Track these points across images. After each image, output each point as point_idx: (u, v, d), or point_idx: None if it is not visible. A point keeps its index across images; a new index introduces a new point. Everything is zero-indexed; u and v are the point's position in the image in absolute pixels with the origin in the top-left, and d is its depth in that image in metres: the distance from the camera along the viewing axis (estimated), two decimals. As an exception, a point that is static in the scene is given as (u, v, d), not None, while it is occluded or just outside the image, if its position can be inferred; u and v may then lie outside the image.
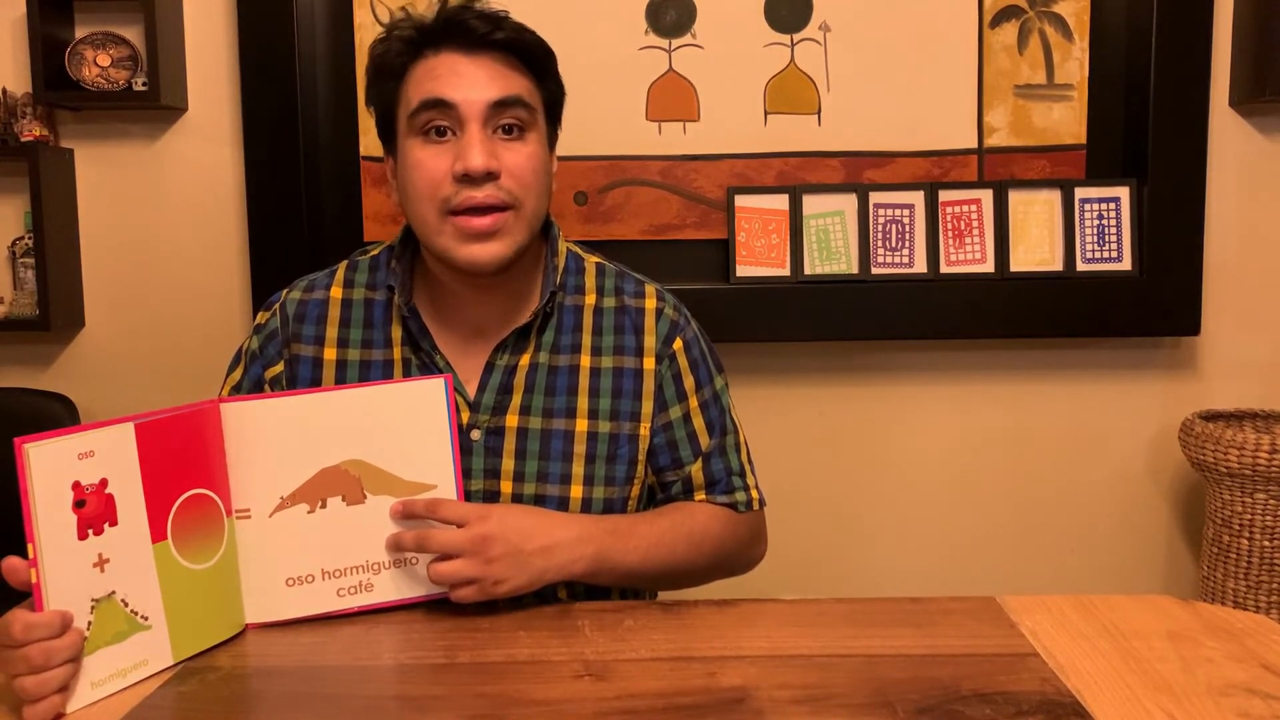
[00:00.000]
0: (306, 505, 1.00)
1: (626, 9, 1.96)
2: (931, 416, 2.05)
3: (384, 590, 1.02)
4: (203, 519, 0.96)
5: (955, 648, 0.93)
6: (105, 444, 0.88)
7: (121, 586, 0.89)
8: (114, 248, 2.03)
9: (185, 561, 0.94)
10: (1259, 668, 0.88)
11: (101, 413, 2.03)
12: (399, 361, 1.14)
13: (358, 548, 1.01)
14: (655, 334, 1.18)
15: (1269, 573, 1.82)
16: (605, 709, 0.83)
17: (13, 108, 1.94)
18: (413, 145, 1.08)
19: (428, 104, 1.07)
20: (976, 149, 1.98)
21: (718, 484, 1.19)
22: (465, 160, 1.05)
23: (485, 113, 1.07)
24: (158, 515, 0.92)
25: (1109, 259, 1.95)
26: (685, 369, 1.19)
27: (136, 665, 0.90)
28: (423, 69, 1.09)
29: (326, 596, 1.01)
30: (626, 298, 1.19)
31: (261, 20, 1.91)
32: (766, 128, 1.98)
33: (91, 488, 0.87)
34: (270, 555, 1.00)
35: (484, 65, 1.08)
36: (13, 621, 0.83)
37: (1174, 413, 2.02)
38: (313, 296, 1.17)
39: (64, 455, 0.86)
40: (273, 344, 1.16)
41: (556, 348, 1.15)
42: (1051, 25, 1.96)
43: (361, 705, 0.85)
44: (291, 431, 1.00)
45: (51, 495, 0.85)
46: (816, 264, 1.95)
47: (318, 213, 1.97)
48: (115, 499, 0.89)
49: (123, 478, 0.89)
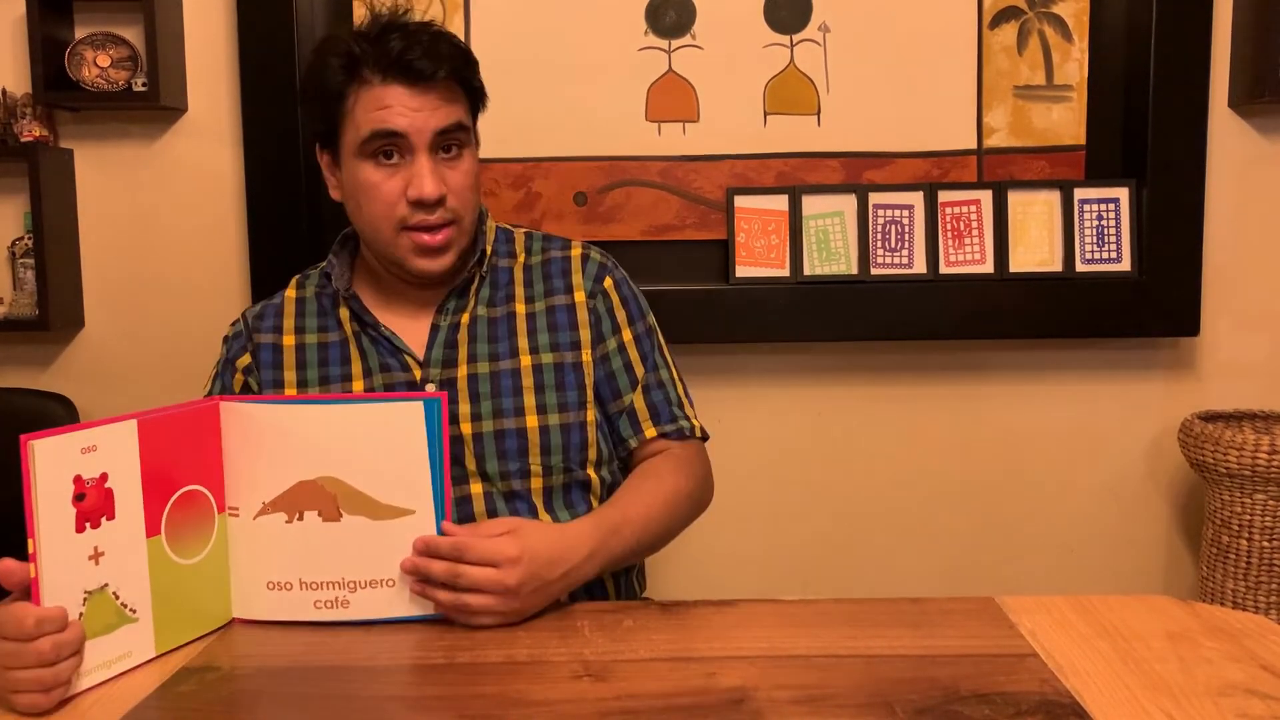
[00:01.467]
0: (284, 515, 1.01)
1: (626, 9, 1.96)
2: (931, 416, 2.05)
3: (360, 608, 1.01)
4: (195, 514, 0.98)
5: (954, 648, 0.93)
6: (108, 439, 0.90)
7: (114, 579, 0.91)
8: (114, 248, 2.03)
9: (175, 556, 0.96)
10: (1258, 668, 0.88)
11: (101, 413, 2.03)
12: (351, 337, 1.25)
13: (334, 564, 1.01)
14: (584, 273, 1.30)
15: (1268, 573, 1.82)
16: (605, 709, 0.83)
17: (12, 108, 1.94)
18: (364, 168, 1.19)
19: (380, 134, 1.17)
20: (976, 150, 1.99)
21: (660, 414, 1.29)
22: (419, 189, 1.17)
23: (431, 140, 1.18)
24: (154, 510, 0.94)
25: (1108, 260, 1.95)
26: (617, 304, 1.31)
27: (121, 657, 0.91)
28: (370, 98, 1.17)
29: (304, 606, 1.01)
30: (553, 250, 1.32)
31: (261, 20, 1.91)
32: (766, 128, 1.98)
33: (92, 482, 0.89)
34: (254, 556, 1.01)
35: (429, 99, 1.17)
36: (22, 615, 0.85)
37: (1173, 413, 2.02)
38: (270, 303, 1.31)
39: (67, 450, 0.87)
40: (237, 342, 1.29)
41: (493, 302, 1.27)
42: (1051, 26, 1.96)
43: (361, 705, 0.85)
44: (278, 438, 1.01)
45: (53, 489, 0.86)
46: (816, 265, 1.95)
47: (318, 213, 1.97)
48: (114, 493, 0.90)
49: (123, 473, 0.91)
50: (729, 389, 2.03)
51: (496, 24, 1.97)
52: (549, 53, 1.97)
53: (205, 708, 0.85)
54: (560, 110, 1.97)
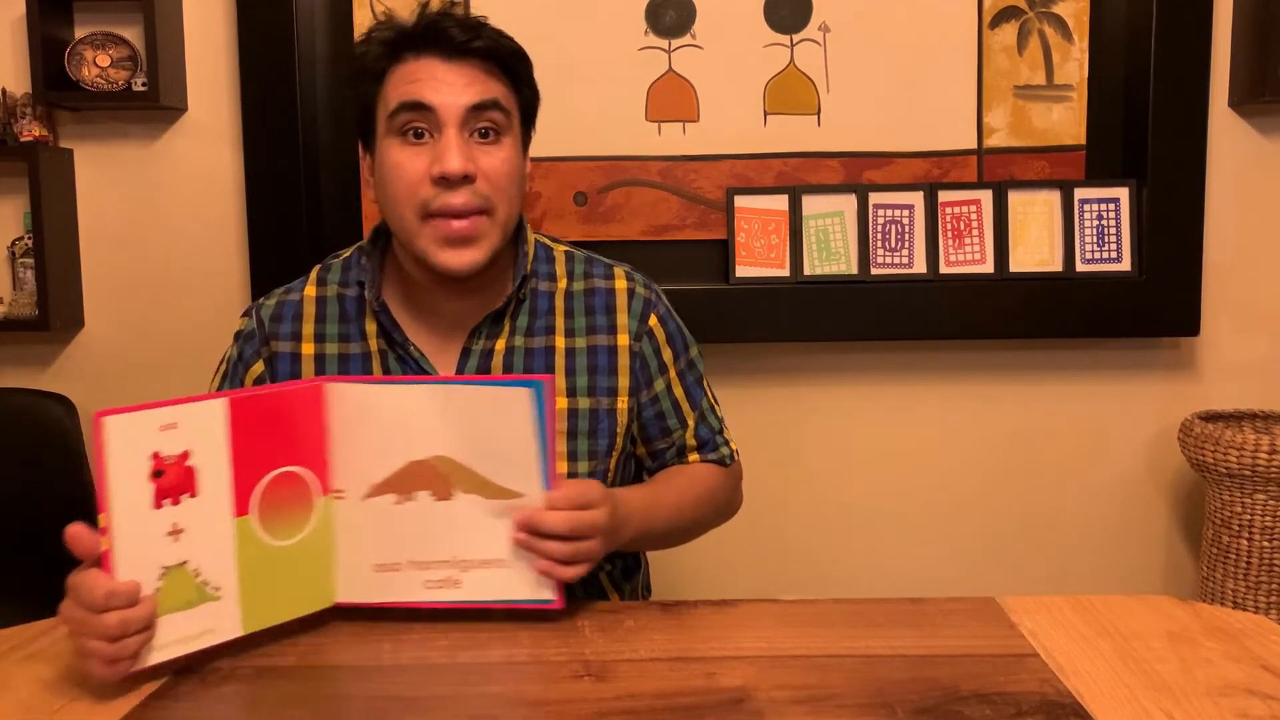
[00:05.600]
0: (395, 495, 1.00)
1: (626, 9, 1.96)
2: (931, 417, 2.05)
3: (472, 589, 0.99)
4: (292, 496, 0.97)
5: (955, 648, 0.93)
6: (191, 418, 0.90)
7: (195, 557, 0.91)
8: (113, 248, 2.03)
9: (268, 537, 0.96)
10: (1258, 668, 0.88)
11: (101, 413, 2.03)
12: (375, 354, 1.17)
13: (446, 543, 1.00)
14: (629, 312, 1.22)
15: (1268, 573, 1.82)
16: (605, 709, 0.83)
17: (12, 108, 1.94)
18: (391, 146, 1.11)
19: (406, 106, 1.09)
20: (976, 150, 1.99)
21: (706, 445, 1.27)
22: (443, 163, 1.07)
23: (463, 116, 1.09)
24: (243, 490, 0.94)
25: (1108, 260, 1.95)
26: (663, 342, 1.24)
27: (202, 633, 0.92)
28: (402, 72, 1.11)
29: (413, 587, 1.00)
30: (596, 280, 1.23)
31: (261, 20, 1.91)
32: (766, 128, 1.98)
33: (171, 459, 0.89)
34: (362, 538, 1.00)
35: (462, 71, 1.10)
36: (94, 585, 0.85)
37: (1173, 413, 2.02)
38: (288, 298, 1.21)
39: (144, 426, 0.87)
40: (250, 345, 1.19)
41: (530, 331, 1.19)
42: (1051, 26, 1.96)
43: (361, 705, 0.85)
44: (387, 419, 0.99)
45: (128, 465, 0.87)
46: (816, 264, 1.95)
47: (318, 213, 1.97)
48: (198, 471, 0.90)
49: (208, 451, 0.91)
50: (729, 389, 2.02)
51: (496, 24, 1.96)
52: (549, 53, 1.95)
53: (206, 707, 0.85)
54: (560, 110, 1.97)
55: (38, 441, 1.89)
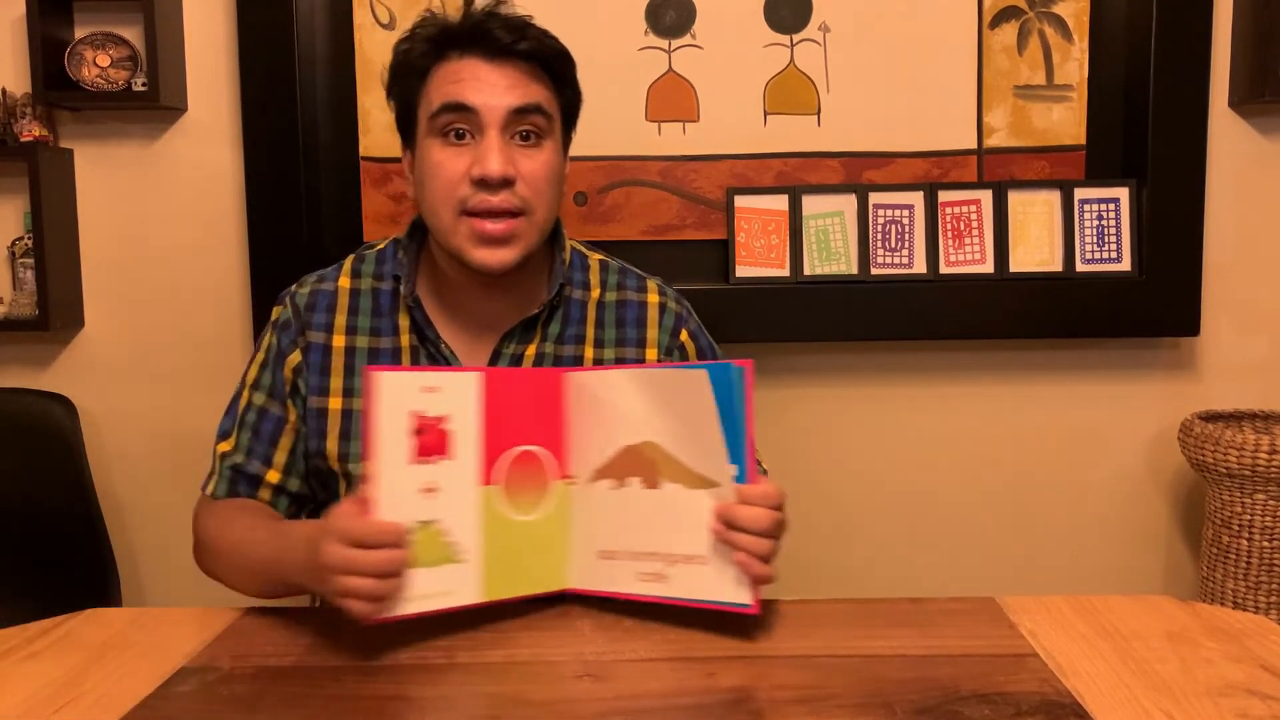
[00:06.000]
0: (613, 480, 1.01)
1: (626, 9, 1.96)
2: (931, 417, 2.05)
3: (676, 585, 0.98)
4: (533, 475, 1.01)
5: (954, 648, 0.93)
6: (451, 384, 0.94)
7: (445, 517, 0.94)
8: (113, 248, 2.03)
9: (509, 510, 0.99)
10: (1258, 668, 0.88)
11: (101, 413, 2.03)
12: (406, 349, 1.17)
13: (655, 534, 1.00)
14: (659, 327, 1.23)
15: (1268, 573, 1.82)
16: (605, 709, 0.83)
17: (12, 108, 1.94)
18: (432, 145, 1.12)
19: (449, 107, 1.10)
20: (976, 149, 1.99)
21: None
22: (483, 165, 1.08)
23: (505, 118, 1.10)
24: (490, 460, 0.97)
25: (1108, 260, 1.95)
26: (693, 357, 1.25)
27: (444, 593, 0.94)
28: (445, 71, 1.11)
29: (629, 577, 1.01)
30: (629, 292, 1.25)
31: (261, 20, 1.91)
32: (766, 128, 1.98)
33: (431, 420, 0.93)
34: (589, 523, 1.02)
35: (506, 72, 1.11)
36: (365, 523, 0.88)
37: (1173, 413, 2.02)
38: (321, 287, 1.21)
39: (409, 385, 0.92)
40: (287, 334, 1.19)
41: (561, 339, 1.20)
42: (1051, 26, 1.96)
43: (361, 705, 0.85)
44: (610, 405, 1.01)
45: (393, 419, 0.91)
46: (816, 264, 1.95)
47: (318, 213, 1.97)
48: (452, 436, 0.94)
49: (463, 418, 0.95)
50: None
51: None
52: (549, 53, 1.97)
53: (206, 707, 0.85)
54: (560, 110, 1.97)
55: (38, 441, 1.89)
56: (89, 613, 1.05)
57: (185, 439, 2.01)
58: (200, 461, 1.22)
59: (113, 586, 1.86)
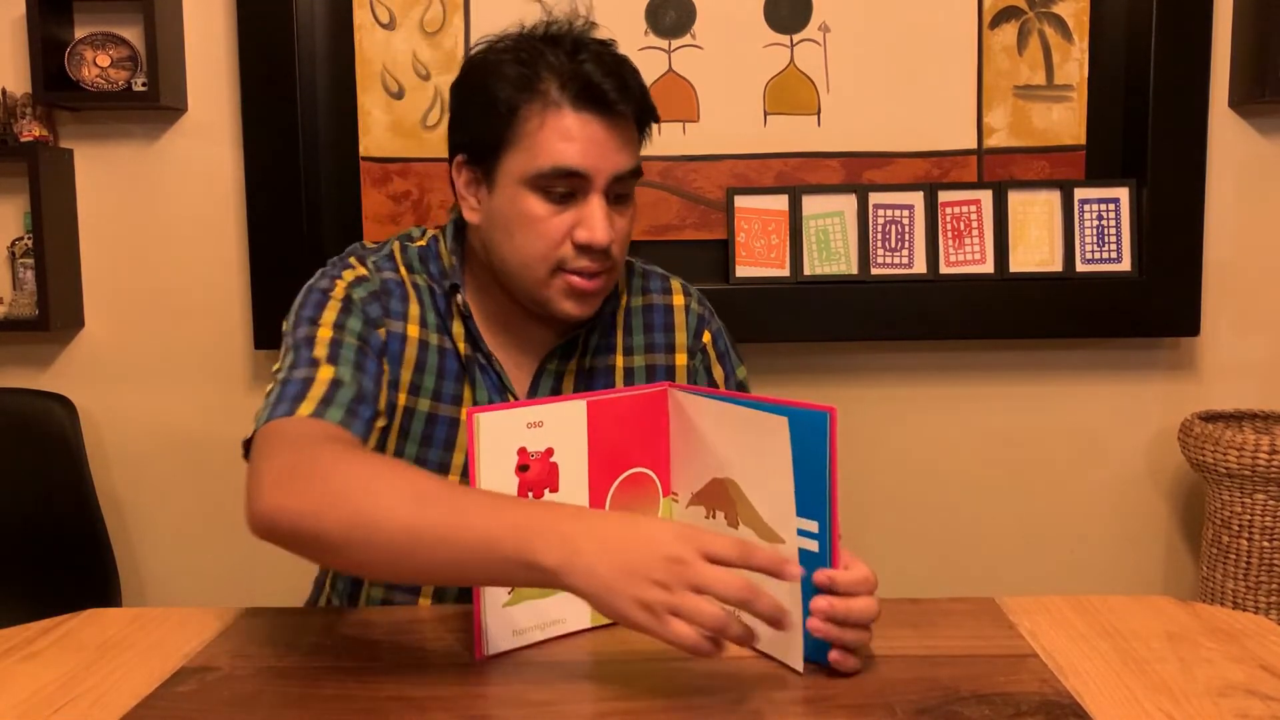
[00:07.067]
0: (705, 509, 0.98)
1: (626, 9, 1.96)
2: (931, 417, 2.05)
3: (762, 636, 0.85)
4: (641, 496, 1.00)
5: (955, 649, 0.93)
6: (555, 416, 0.93)
7: None
8: (113, 248, 2.03)
9: None
10: (1258, 669, 0.88)
11: (101, 413, 2.03)
12: (463, 355, 1.14)
13: None
14: (685, 329, 1.24)
15: (1268, 573, 1.82)
16: (605, 709, 0.83)
17: (12, 108, 1.94)
18: (530, 199, 1.07)
19: (562, 172, 1.06)
20: (976, 150, 1.99)
21: None
22: (591, 234, 1.07)
23: (608, 183, 1.08)
24: (599, 488, 0.97)
25: (1108, 260, 1.95)
26: (714, 360, 1.26)
27: (555, 622, 0.95)
28: (557, 126, 1.06)
29: None
30: (655, 295, 1.25)
31: (261, 20, 1.91)
32: (766, 128, 1.98)
33: (537, 455, 0.93)
34: None
35: (613, 134, 1.07)
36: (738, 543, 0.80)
37: (1173, 413, 2.02)
38: (383, 276, 1.14)
39: (512, 423, 0.92)
40: (373, 308, 1.11)
41: (596, 350, 1.20)
42: (1051, 26, 1.96)
43: (361, 705, 0.85)
44: (701, 432, 0.98)
45: (496, 459, 0.91)
46: (816, 264, 1.95)
47: (317, 213, 1.97)
48: (559, 468, 0.94)
49: (569, 449, 0.95)
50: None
51: (497, 25, 1.95)
52: (549, 53, 1.96)
53: (205, 708, 0.85)
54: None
55: (38, 441, 1.90)
56: (89, 613, 1.05)
57: (185, 439, 2.01)
58: (200, 462, 1.21)
59: (112, 586, 1.86)
